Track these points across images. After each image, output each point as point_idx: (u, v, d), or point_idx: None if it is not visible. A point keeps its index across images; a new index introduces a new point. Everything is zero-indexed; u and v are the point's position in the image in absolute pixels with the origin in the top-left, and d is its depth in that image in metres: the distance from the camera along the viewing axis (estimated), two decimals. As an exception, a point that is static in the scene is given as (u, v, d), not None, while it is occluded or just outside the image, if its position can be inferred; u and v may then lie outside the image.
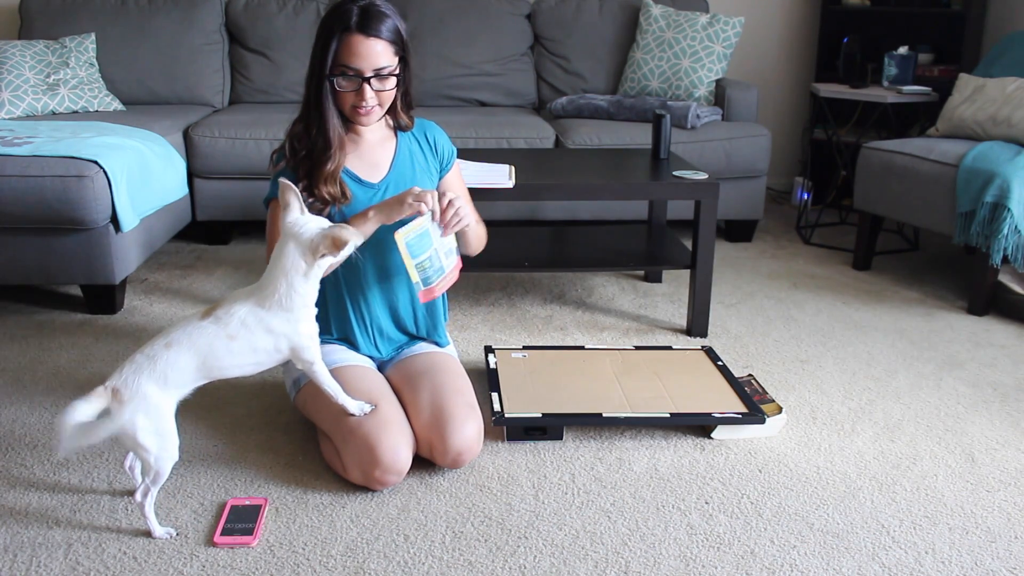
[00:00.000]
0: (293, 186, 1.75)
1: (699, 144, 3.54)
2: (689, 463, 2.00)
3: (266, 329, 1.72)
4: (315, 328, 1.79)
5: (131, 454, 1.80)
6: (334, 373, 1.87)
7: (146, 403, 1.63)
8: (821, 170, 4.26)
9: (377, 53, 1.87)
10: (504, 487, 1.89)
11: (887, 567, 1.64)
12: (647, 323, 2.84)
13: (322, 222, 1.75)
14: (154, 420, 1.64)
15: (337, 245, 1.69)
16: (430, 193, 1.88)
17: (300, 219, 1.74)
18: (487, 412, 2.09)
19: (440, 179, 2.14)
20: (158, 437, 1.64)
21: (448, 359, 2.09)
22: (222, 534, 1.69)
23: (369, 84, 1.88)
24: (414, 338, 2.14)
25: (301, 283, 1.73)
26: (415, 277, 1.90)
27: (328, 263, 1.75)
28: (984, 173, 2.87)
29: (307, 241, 1.70)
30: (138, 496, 1.68)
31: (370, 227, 1.90)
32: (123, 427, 1.61)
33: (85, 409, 1.57)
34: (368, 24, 1.86)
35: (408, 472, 1.87)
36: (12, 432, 2.09)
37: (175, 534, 1.71)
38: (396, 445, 1.81)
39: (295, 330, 1.74)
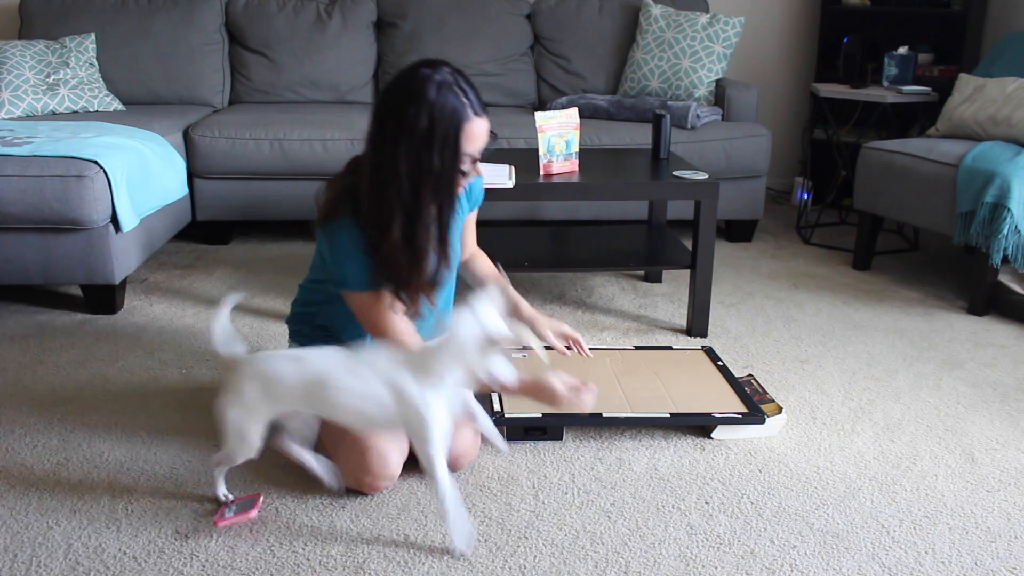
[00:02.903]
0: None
1: (699, 144, 3.54)
2: (689, 463, 2.00)
3: (387, 378, 1.60)
4: (442, 412, 1.61)
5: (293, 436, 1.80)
6: None
7: (240, 398, 1.64)
8: (821, 170, 4.26)
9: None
10: (504, 487, 1.89)
11: (887, 567, 1.64)
12: (647, 323, 2.84)
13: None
14: (240, 419, 1.65)
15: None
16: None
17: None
18: (487, 412, 2.09)
19: (467, 215, 2.07)
20: (237, 436, 1.66)
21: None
22: (223, 518, 1.73)
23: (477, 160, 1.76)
24: None
25: (456, 361, 1.60)
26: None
27: (492, 367, 1.66)
28: (984, 173, 2.87)
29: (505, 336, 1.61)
30: (213, 461, 1.76)
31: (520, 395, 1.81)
32: (220, 401, 1.67)
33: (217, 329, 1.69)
34: (482, 103, 1.73)
35: (408, 472, 1.87)
36: (12, 432, 2.09)
37: (231, 497, 1.79)
38: (385, 451, 1.80)
39: (411, 391, 1.58)
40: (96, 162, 2.67)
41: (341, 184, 1.77)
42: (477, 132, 1.70)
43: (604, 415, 2.07)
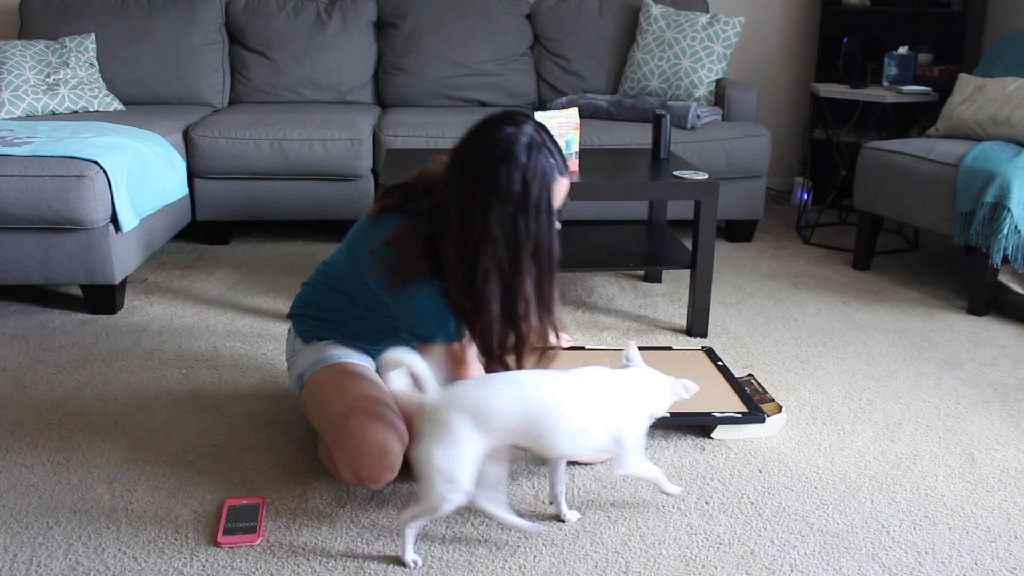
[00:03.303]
0: None
1: (699, 144, 3.54)
2: (689, 463, 2.00)
3: (617, 399, 1.66)
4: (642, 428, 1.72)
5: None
6: (332, 368, 1.87)
7: (448, 433, 1.53)
8: (821, 170, 4.26)
9: None
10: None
11: (887, 567, 1.64)
12: (647, 323, 2.84)
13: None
14: (450, 460, 1.53)
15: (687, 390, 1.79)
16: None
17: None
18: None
19: None
20: (446, 481, 1.53)
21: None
22: (224, 534, 1.69)
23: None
24: None
25: (657, 397, 1.75)
26: None
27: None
28: (984, 173, 2.87)
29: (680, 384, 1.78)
30: (405, 515, 1.61)
31: None
32: (420, 448, 1.56)
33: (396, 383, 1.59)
34: (564, 159, 1.70)
35: (408, 470, 1.86)
36: (12, 432, 2.09)
37: (420, 564, 1.62)
38: (385, 441, 1.75)
39: (630, 416, 1.68)
40: (96, 162, 2.67)
41: (416, 246, 1.69)
42: (562, 190, 1.70)
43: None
